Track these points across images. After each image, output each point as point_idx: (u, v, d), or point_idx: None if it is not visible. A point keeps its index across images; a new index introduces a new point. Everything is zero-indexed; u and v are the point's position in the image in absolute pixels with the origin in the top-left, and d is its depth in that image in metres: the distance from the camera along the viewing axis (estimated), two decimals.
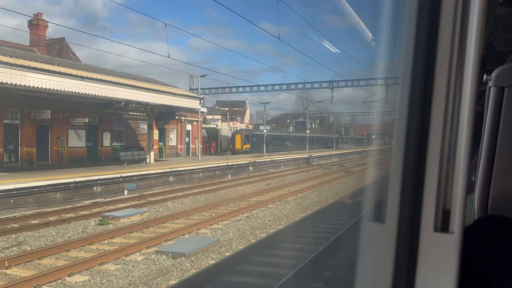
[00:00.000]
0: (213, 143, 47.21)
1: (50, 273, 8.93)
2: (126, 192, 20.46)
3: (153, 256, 10.09)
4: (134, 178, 21.72)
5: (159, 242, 11.26)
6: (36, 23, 31.71)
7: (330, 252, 9.06)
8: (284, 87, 43.42)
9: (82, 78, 20.99)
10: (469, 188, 1.06)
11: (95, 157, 29.07)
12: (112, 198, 19.30)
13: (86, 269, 9.28)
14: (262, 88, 43.32)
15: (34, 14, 32.06)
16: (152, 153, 30.60)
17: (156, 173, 23.45)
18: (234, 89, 43.00)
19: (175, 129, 39.23)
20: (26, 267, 9.45)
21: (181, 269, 9.33)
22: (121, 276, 8.96)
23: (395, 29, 0.69)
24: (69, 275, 8.77)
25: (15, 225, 13.73)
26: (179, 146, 40.23)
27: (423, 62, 0.64)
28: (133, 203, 18.21)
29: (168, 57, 28.87)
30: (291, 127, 69.81)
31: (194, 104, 32.16)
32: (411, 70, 0.64)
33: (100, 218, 14.97)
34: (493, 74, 1.27)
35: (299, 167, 38.60)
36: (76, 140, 28.46)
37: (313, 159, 44.98)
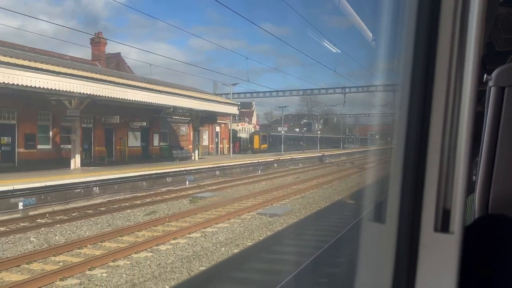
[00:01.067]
0: (237, 142, 50.89)
1: (191, 226, 12.76)
2: (187, 182, 23.87)
3: (257, 215, 14.64)
4: (192, 171, 25.49)
5: (249, 211, 15.23)
6: (97, 41, 35.25)
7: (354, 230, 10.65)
8: (301, 92, 48.41)
9: (142, 88, 24.50)
10: (470, 188, 1.05)
11: (147, 155, 32.69)
12: (180, 187, 22.51)
13: (218, 223, 13.35)
14: (280, 93, 47.71)
15: (95, 33, 35.88)
16: (196, 152, 34.88)
17: (206, 168, 27.34)
18: (254, 94, 46.28)
19: (207, 131, 42.86)
20: (169, 225, 13.28)
21: (279, 222, 13.55)
22: (249, 224, 13.37)
23: (395, 29, 0.69)
24: (204, 228, 12.65)
25: (138, 202, 17.56)
26: (210, 146, 44.12)
27: (423, 62, 0.64)
28: (197, 190, 21.20)
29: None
30: (297, 128, 71.93)
31: (233, 110, 36.50)
32: (411, 70, 0.65)
33: (190, 198, 18.51)
34: (494, 74, 1.27)
35: (315, 164, 40.77)
36: (134, 141, 32.33)
37: (325, 158, 47.75)
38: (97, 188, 18.46)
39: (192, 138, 36.85)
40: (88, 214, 15.11)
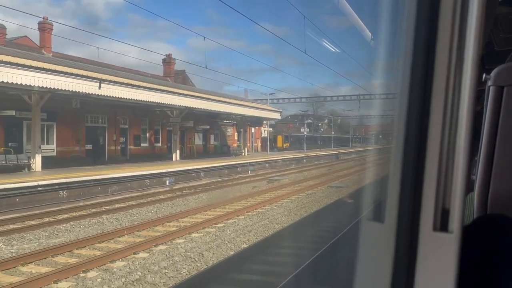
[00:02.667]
0: (265, 142, 55.95)
1: (287, 193, 17.02)
2: (249, 172, 28.43)
3: (329, 188, 19.18)
4: (251, 164, 30.56)
5: (321, 186, 19.85)
6: (168, 61, 41.33)
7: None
8: (321, 98, 53.93)
9: (205, 99, 28.83)
10: (469, 187, 0.98)
11: (206, 152, 37.87)
12: (246, 174, 26.94)
13: (304, 191, 17.89)
14: (297, 99, 53.13)
15: (166, 55, 41.70)
16: (246, 149, 41.20)
17: (258, 162, 32.24)
18: (280, 100, 51.33)
19: (246, 132, 48.08)
20: (272, 194, 17.28)
21: (342, 190, 18.00)
22: (327, 190, 18.22)
23: (394, 28, 0.67)
24: (298, 194, 17.22)
25: (235, 182, 21.85)
26: (248, 144, 49.15)
27: (422, 61, 0.63)
28: (254, 179, 24.08)
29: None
30: (307, 128, 73.08)
31: (276, 115, 42.69)
32: (410, 69, 0.63)
33: (267, 180, 22.76)
34: (493, 74, 1.24)
35: (335, 160, 44.21)
36: (198, 140, 38.03)
37: (340, 155, 51.49)
38: (203, 173, 24.21)
39: (242, 138, 43.36)
40: (206, 189, 19.05)
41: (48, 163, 20.68)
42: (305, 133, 57.21)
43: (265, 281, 7.21)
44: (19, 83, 15.79)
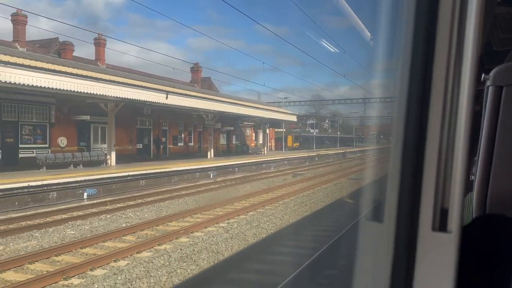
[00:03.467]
0: (278, 142, 58.67)
1: (313, 185, 18.78)
2: (272, 168, 30.09)
3: (349, 179, 21.24)
4: (271, 161, 32.25)
5: (342, 178, 22.06)
6: (196, 69, 43.12)
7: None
8: (329, 102, 55.22)
9: (235, 104, 31.46)
10: (468, 187, 0.99)
11: (229, 150, 40.19)
12: (271, 170, 28.51)
13: (330, 183, 19.87)
14: (308, 102, 56.54)
15: (194, 63, 43.44)
16: (265, 148, 43.18)
17: (277, 159, 33.88)
18: (291, 103, 54.01)
19: (265, 132, 50.24)
20: (301, 185, 19.18)
21: (361, 181, 18.49)
22: (348, 182, 20.20)
23: (393, 28, 0.66)
24: (324, 184, 19.18)
25: (266, 176, 23.76)
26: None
27: (421, 61, 0.62)
28: (280, 173, 25.53)
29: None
30: (316, 129, 74.55)
31: (293, 118, 44.94)
32: (409, 69, 0.63)
33: (292, 174, 24.49)
34: (491, 74, 1.22)
35: (342, 159, 45.47)
36: (222, 140, 40.66)
37: (346, 154, 53.42)
38: (236, 168, 26.48)
39: (262, 138, 45.84)
40: (247, 181, 21.20)
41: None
42: (314, 133, 60.42)
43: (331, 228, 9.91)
44: (96, 93, 19.14)
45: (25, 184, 14.02)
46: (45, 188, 14.63)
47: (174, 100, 24.44)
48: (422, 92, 0.64)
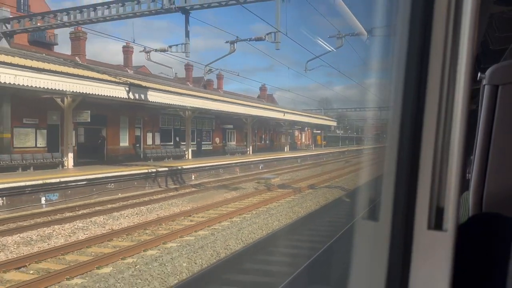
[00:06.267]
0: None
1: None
2: (324, 158, 31.39)
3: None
4: (322, 154, 34.47)
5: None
6: (263, 88, 45.98)
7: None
8: (344, 110, 58.82)
9: (275, 110, 32.07)
10: (464, 186, 0.96)
11: (273, 148, 41.09)
12: (328, 158, 30.60)
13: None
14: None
15: (262, 84, 46.62)
16: (313, 145, 46.61)
17: (326, 152, 36.73)
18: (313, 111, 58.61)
19: (313, 133, 53.70)
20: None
21: None
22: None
23: (388, 27, 0.65)
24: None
25: (310, 165, 25.73)
26: (307, 142, 56.45)
27: (417, 60, 0.61)
28: (339, 160, 28.10)
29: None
30: (341, 131, 76.79)
31: (333, 123, 47.84)
32: (404, 68, 0.61)
33: (345, 161, 26.78)
34: (487, 72, 1.21)
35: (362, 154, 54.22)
36: (283, 139, 42.73)
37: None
38: (308, 157, 28.65)
39: (299, 138, 48.63)
40: (315, 166, 22.85)
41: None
42: (340, 134, 65.06)
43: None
44: (237, 112, 23.77)
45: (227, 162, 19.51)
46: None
47: (267, 113, 30.22)
48: (417, 91, 0.58)
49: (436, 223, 0.60)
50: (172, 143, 26.33)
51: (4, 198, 10.84)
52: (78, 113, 16.58)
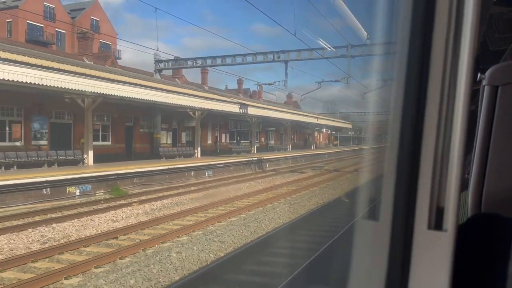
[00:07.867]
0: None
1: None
2: (343, 155, 31.77)
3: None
4: (342, 152, 36.01)
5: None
6: (290, 96, 43.78)
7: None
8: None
9: (310, 116, 32.84)
10: (464, 186, 0.93)
11: (300, 146, 40.60)
12: (346, 155, 32.22)
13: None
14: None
15: (289, 92, 43.25)
16: (331, 144, 48.20)
17: (343, 150, 36.40)
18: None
19: (330, 134, 51.99)
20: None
21: None
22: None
23: (389, 28, 0.65)
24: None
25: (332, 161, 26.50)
26: (324, 141, 54.76)
27: (417, 60, 0.61)
28: (355, 156, 27.52)
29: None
30: (352, 131, 75.39)
31: (349, 125, 49.56)
32: (405, 68, 0.61)
33: (359, 157, 23.84)
34: (487, 73, 1.22)
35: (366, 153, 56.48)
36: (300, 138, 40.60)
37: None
38: (327, 155, 29.09)
39: (321, 138, 46.13)
40: (338, 160, 23.48)
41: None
42: (351, 134, 65.16)
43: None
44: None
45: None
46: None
47: (304, 118, 31.16)
48: (418, 92, 0.58)
49: (436, 223, 0.57)
50: (235, 141, 29.75)
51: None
52: (189, 121, 23.73)
